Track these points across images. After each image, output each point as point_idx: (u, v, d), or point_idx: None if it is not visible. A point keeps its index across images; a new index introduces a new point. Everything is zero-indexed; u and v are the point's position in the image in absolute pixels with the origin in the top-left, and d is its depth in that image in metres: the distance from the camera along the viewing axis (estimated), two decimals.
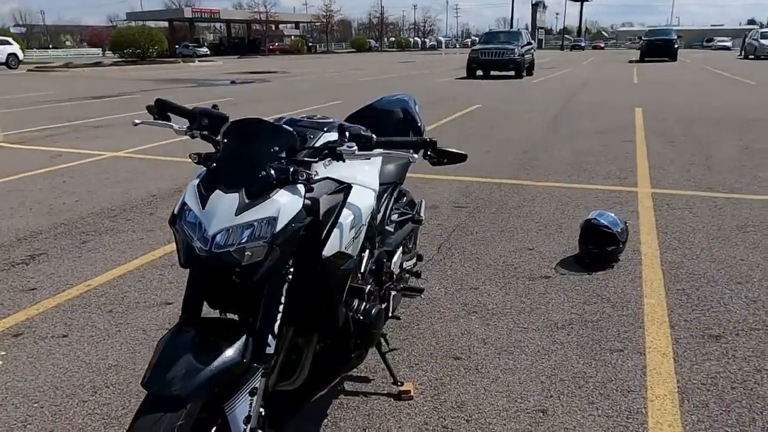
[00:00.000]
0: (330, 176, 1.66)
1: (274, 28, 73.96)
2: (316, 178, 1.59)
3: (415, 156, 1.66)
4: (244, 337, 1.43)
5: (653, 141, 7.50)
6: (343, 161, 1.59)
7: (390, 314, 2.30)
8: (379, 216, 2.20)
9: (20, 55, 32.16)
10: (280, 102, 12.87)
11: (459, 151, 1.65)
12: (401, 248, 2.43)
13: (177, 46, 54.66)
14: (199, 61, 39.21)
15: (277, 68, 29.76)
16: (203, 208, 1.42)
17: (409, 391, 2.27)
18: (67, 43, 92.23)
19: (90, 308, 3.05)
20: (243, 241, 1.38)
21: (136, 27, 43.00)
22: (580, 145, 7.31)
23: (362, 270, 1.95)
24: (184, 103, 1.83)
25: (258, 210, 1.40)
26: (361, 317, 1.93)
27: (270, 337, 1.51)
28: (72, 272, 3.53)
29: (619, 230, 3.54)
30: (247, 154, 1.48)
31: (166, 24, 62.40)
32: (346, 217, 1.66)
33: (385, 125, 2.55)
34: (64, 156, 7.08)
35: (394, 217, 2.43)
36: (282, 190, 1.45)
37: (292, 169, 1.46)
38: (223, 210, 1.39)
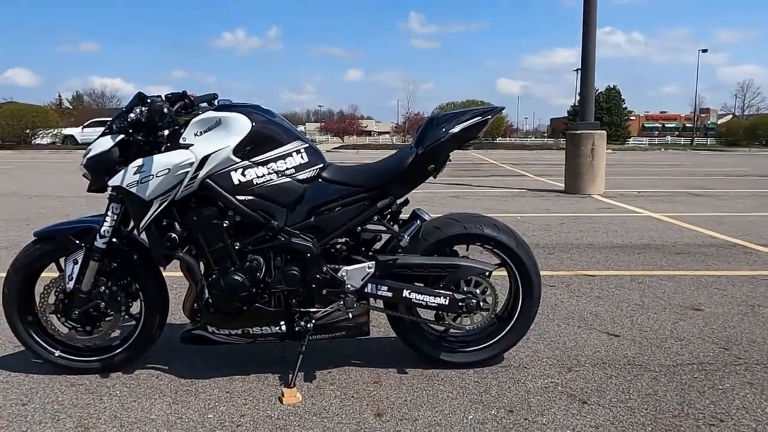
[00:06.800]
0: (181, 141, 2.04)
1: None
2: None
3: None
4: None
5: None
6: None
7: (306, 325, 2.12)
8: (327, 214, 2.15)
9: None
10: None
11: None
12: (371, 263, 2.15)
13: None
14: None
15: None
16: None
17: (284, 400, 2.01)
18: None
19: None
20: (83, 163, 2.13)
21: None
22: None
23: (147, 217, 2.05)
24: None
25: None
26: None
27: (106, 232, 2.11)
28: None
29: None
30: None
31: None
32: (138, 163, 2.03)
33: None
34: (615, 209, 7.48)
35: (370, 227, 2.18)
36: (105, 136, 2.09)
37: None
38: None
